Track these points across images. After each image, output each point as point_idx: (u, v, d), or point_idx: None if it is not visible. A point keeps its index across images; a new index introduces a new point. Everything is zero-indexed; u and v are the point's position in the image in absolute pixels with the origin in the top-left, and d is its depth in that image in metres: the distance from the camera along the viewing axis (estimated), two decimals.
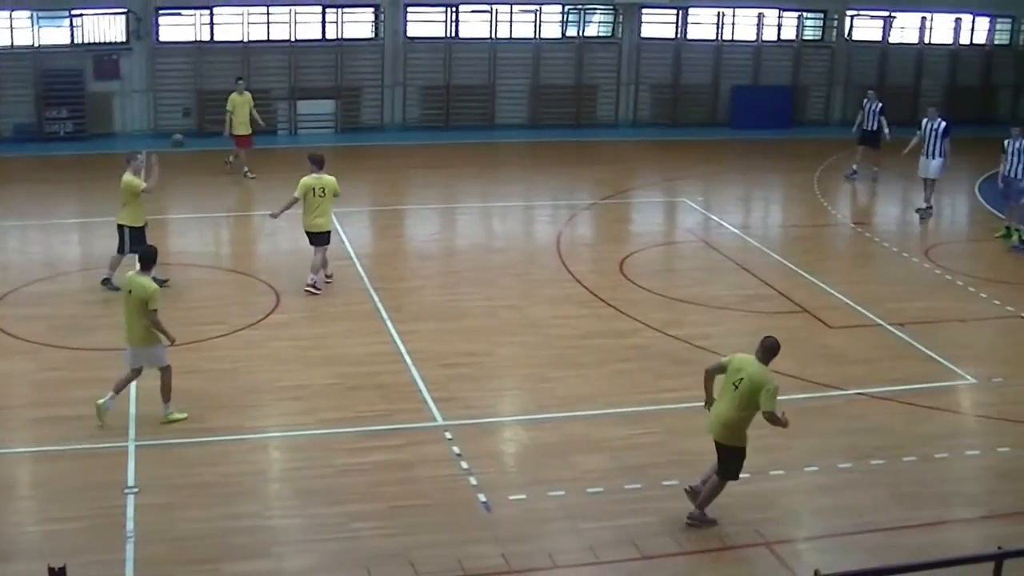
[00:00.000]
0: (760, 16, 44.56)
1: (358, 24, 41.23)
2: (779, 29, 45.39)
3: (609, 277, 26.75)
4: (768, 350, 16.19)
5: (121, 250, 24.65)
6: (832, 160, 38.93)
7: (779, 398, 16.82)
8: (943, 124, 32.46)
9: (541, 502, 16.87)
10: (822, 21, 45.77)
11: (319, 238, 25.15)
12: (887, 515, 16.94)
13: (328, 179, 25.03)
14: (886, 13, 45.88)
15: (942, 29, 46.96)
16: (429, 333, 22.92)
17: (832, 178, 37.20)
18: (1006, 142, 30.60)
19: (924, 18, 46.35)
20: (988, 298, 26.29)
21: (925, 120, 32.87)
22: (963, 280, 27.45)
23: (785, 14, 45.13)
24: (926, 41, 46.79)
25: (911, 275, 28.10)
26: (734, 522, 16.52)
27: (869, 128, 36.97)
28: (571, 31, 43.23)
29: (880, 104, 37.02)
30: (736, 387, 16.00)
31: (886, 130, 36.52)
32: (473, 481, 17.30)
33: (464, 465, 17.76)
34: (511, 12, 42.28)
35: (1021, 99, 47.90)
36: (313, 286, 25.00)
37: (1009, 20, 47.69)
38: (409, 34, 41.53)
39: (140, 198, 24.49)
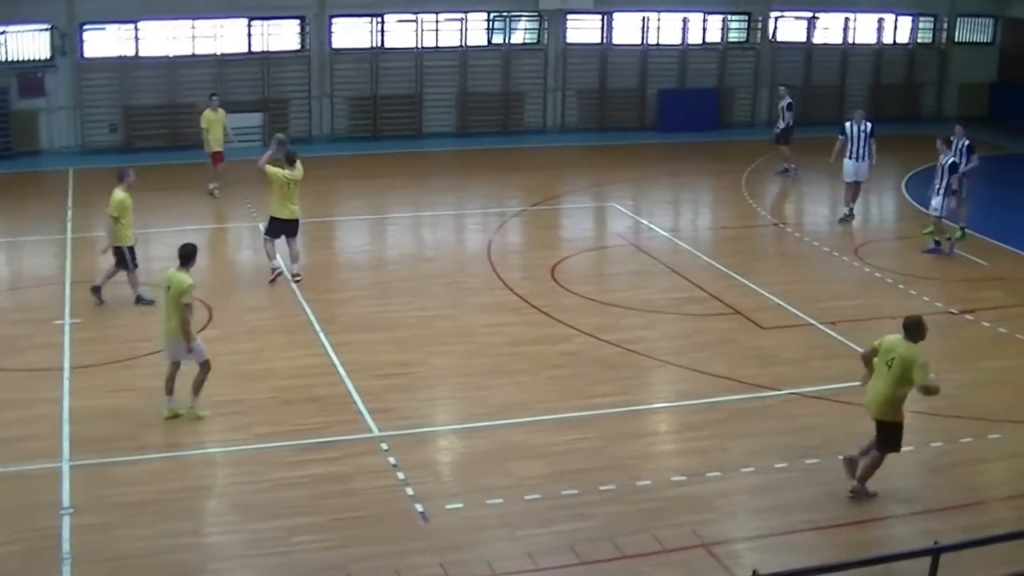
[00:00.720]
0: (685, 20, 44.73)
1: (284, 36, 41.06)
2: (704, 32, 45.54)
3: (541, 283, 26.77)
4: (911, 328, 17.22)
5: (126, 266, 24.94)
6: (760, 161, 39.13)
7: (716, 399, 16.95)
8: (870, 126, 32.57)
9: (479, 510, 16.87)
10: (746, 23, 45.99)
11: (292, 226, 26.44)
12: (824, 513, 17.04)
13: (299, 172, 26.32)
14: (810, 14, 46.16)
15: (865, 29, 47.32)
16: (362, 344, 22.88)
17: (760, 179, 37.40)
18: (952, 139, 30.80)
19: (847, 18, 46.69)
20: (918, 295, 26.51)
21: (850, 123, 32.79)
22: (893, 278, 27.67)
23: (709, 17, 45.32)
24: (850, 41, 47.13)
25: (841, 274, 28.30)
26: (672, 524, 16.57)
27: (777, 126, 37.42)
28: (497, 38, 43.21)
29: (788, 101, 37.34)
30: (889, 367, 16.93)
31: (780, 124, 36.94)
32: (410, 491, 17.28)
33: (401, 476, 17.74)
34: (437, 21, 42.24)
35: (944, 97, 48.34)
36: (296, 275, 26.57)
37: (931, 19, 48.12)
38: (335, 45, 41.41)
39: (130, 215, 24.83)
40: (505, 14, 43.00)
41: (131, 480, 17.49)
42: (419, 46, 42.16)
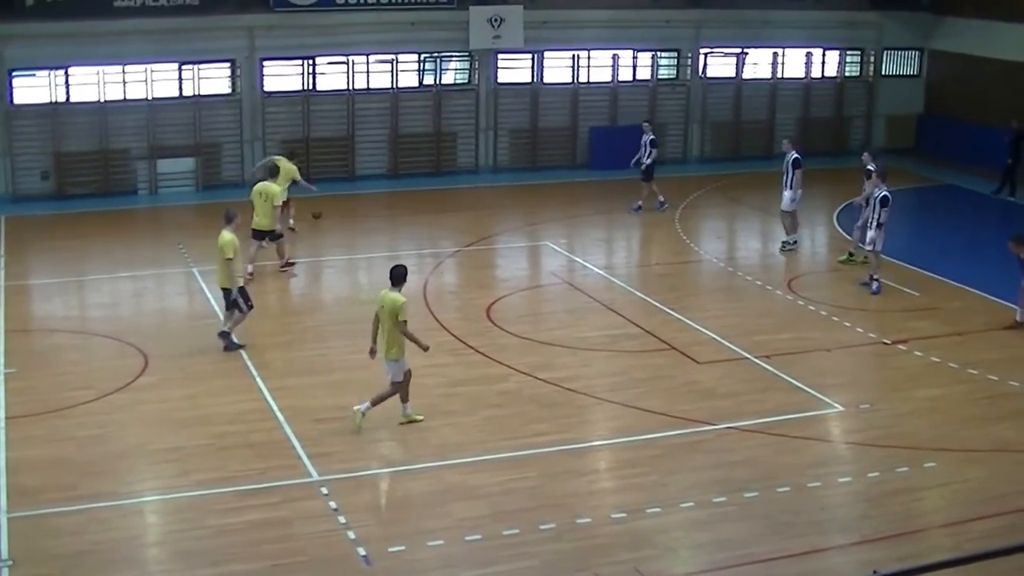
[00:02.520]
0: (615, 57, 44.93)
1: (215, 80, 40.97)
2: (634, 70, 45.74)
3: (477, 324, 26.82)
4: None
5: (239, 308, 25.04)
6: (692, 197, 39.33)
7: (653, 435, 17.02)
8: (793, 156, 33.00)
9: (420, 552, 16.90)
10: (676, 60, 46.26)
11: (258, 235, 30.12)
12: (764, 546, 17.17)
13: (271, 187, 30.29)
14: (739, 50, 46.49)
15: (794, 64, 47.67)
16: (300, 388, 22.85)
17: (693, 215, 37.54)
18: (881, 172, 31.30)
19: (776, 53, 47.01)
20: (851, 326, 26.76)
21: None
22: (826, 310, 27.90)
23: (640, 54, 45.54)
24: (779, 76, 47.46)
25: (775, 307, 28.51)
26: (613, 561, 16.65)
27: (642, 162, 37.59)
28: (428, 79, 43.27)
29: (651, 136, 37.64)
30: None
31: (645, 161, 37.25)
32: (351, 535, 17.28)
33: (342, 519, 17.73)
34: (368, 63, 42.28)
35: (873, 129, 48.77)
36: (250, 273, 29.38)
37: (858, 53, 48.56)
38: (266, 88, 41.36)
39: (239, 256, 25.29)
40: (436, 55, 43.08)
41: (70, 530, 17.39)
42: (350, 88, 42.17)
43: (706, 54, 46.37)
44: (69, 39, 37.72)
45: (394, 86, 42.62)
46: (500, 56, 43.74)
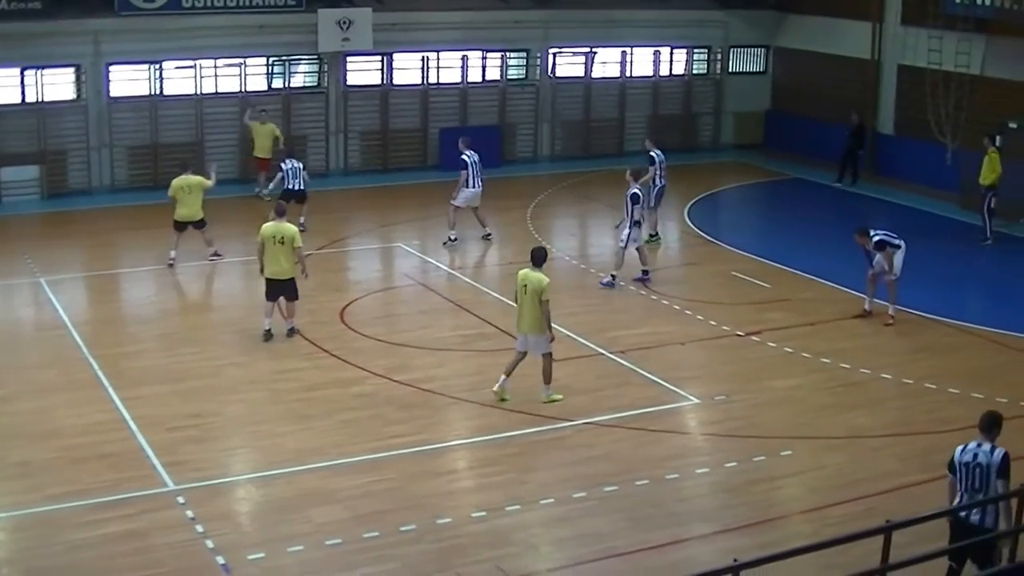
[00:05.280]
0: (464, 58, 44.90)
1: (59, 86, 40.22)
2: (484, 70, 45.75)
3: (330, 327, 26.65)
4: None
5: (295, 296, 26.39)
6: (543, 196, 39.40)
7: (512, 433, 16.96)
8: (463, 155, 34.69)
9: (280, 559, 16.74)
10: (525, 60, 46.32)
11: (181, 226, 31.77)
12: (626, 539, 17.25)
13: (192, 179, 31.58)
14: (587, 49, 46.67)
15: (642, 62, 47.96)
16: (153, 397, 22.52)
17: (545, 213, 37.60)
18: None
19: (624, 52, 47.25)
20: (704, 319, 26.98)
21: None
22: (679, 304, 28.10)
23: (489, 55, 45.54)
24: (628, 74, 47.71)
25: (628, 303, 28.66)
26: (474, 561, 16.64)
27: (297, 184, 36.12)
28: (277, 83, 42.92)
29: (287, 155, 36.95)
30: None
31: (302, 185, 36.08)
32: (210, 544, 17.08)
33: (199, 528, 17.52)
34: (215, 67, 41.81)
35: (721, 126, 49.19)
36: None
37: (705, 51, 48.98)
38: (112, 94, 40.70)
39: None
40: (284, 58, 42.77)
41: None
42: (198, 92, 41.69)
43: (555, 54, 46.48)
44: None
45: (243, 90, 42.23)
46: (349, 59, 43.50)
